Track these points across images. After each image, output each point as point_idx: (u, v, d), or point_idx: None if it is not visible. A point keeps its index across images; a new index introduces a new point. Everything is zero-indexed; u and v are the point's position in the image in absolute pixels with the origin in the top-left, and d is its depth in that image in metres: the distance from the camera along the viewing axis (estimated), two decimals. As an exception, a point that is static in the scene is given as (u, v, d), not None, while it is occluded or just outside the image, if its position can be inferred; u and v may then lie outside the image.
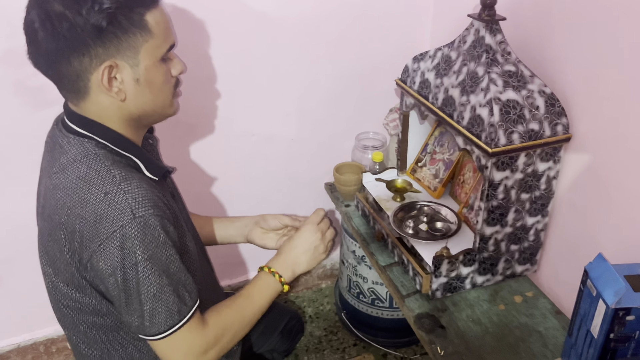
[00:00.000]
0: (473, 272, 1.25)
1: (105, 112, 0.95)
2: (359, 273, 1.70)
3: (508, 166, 1.12)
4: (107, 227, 0.86)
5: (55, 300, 1.03)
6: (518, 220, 1.21)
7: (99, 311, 0.98)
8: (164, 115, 1.03)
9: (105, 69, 0.89)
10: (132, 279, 0.88)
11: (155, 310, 0.91)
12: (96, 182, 0.89)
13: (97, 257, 0.87)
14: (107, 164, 0.91)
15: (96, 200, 0.87)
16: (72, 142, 0.94)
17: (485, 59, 1.13)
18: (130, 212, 0.86)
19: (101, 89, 0.91)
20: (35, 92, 1.39)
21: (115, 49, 0.89)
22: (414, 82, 1.34)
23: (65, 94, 0.96)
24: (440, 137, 1.50)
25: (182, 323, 0.94)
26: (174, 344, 0.95)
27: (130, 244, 0.86)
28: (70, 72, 0.89)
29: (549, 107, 1.12)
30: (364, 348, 1.84)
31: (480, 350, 1.13)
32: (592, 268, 0.97)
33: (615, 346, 0.94)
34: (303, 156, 1.79)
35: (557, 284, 1.29)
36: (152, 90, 0.96)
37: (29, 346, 1.74)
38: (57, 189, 0.92)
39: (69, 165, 0.92)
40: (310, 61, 1.62)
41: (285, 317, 1.52)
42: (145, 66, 0.93)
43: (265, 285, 1.11)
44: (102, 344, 1.03)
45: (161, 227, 0.90)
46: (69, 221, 0.89)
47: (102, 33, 0.86)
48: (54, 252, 0.95)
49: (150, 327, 0.92)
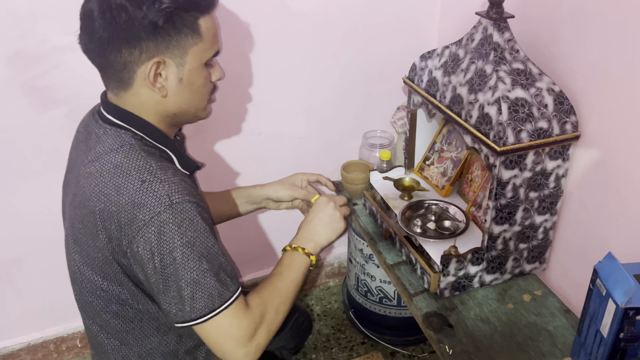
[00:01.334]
0: (481, 270, 1.25)
1: (144, 106, 0.98)
2: (367, 271, 1.70)
3: (517, 165, 1.11)
4: (145, 213, 0.88)
5: (81, 288, 1.04)
6: (527, 218, 1.20)
7: (123, 300, 1.00)
8: (197, 117, 1.06)
9: (153, 64, 0.92)
10: (170, 265, 0.90)
11: (195, 295, 0.91)
12: (133, 170, 0.91)
13: (136, 242, 0.89)
14: (143, 155, 0.94)
15: (133, 188, 0.89)
16: (108, 132, 0.97)
17: (493, 57, 1.12)
18: (167, 198, 0.89)
19: (145, 83, 0.95)
20: (44, 92, 1.40)
21: (165, 47, 0.92)
22: (421, 80, 1.34)
23: (107, 82, 0.99)
24: (448, 135, 1.50)
25: (224, 306, 0.93)
26: (220, 328, 0.94)
27: (168, 229, 0.88)
28: (119, 61, 0.92)
29: (558, 105, 1.11)
30: (372, 346, 1.84)
31: (488, 349, 1.13)
32: (602, 267, 0.96)
33: (625, 346, 0.94)
34: (310, 155, 1.79)
35: (566, 282, 1.28)
36: (191, 91, 0.99)
37: (39, 344, 1.75)
38: (92, 177, 0.93)
39: (105, 154, 0.94)
40: (317, 59, 1.62)
41: (294, 314, 1.52)
42: (190, 67, 0.96)
43: (290, 260, 1.11)
44: (122, 333, 1.05)
45: (198, 214, 0.92)
46: (106, 208, 0.90)
47: (157, 30, 0.90)
48: (84, 239, 0.96)
49: (191, 312, 0.92)
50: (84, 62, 1.37)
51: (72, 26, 1.33)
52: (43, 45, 1.35)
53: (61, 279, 1.68)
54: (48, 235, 1.61)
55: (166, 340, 1.07)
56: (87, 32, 0.93)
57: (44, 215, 1.57)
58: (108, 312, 1.02)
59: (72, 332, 1.78)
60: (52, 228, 1.60)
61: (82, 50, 0.97)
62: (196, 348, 1.12)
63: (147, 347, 1.06)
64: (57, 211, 1.57)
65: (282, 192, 1.37)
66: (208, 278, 0.92)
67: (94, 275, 0.98)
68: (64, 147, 1.49)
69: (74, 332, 1.78)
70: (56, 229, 1.59)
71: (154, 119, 1.00)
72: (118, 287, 0.98)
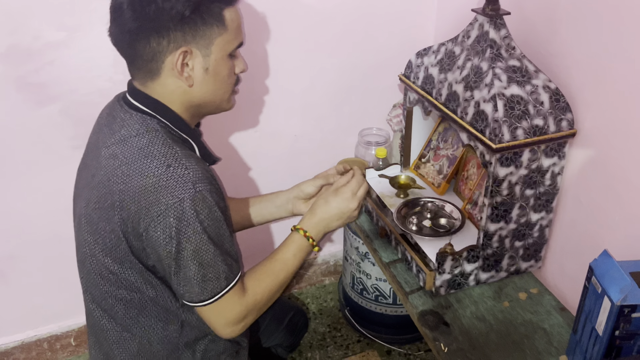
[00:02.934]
0: (477, 268, 1.25)
1: (170, 96, 1.01)
2: (363, 269, 1.70)
3: (512, 162, 1.11)
4: (168, 198, 0.90)
5: (90, 270, 1.05)
6: (522, 216, 1.20)
7: (132, 285, 1.02)
8: (220, 108, 1.09)
9: (181, 54, 0.96)
10: (186, 249, 0.93)
11: (206, 277, 0.96)
12: (158, 155, 0.93)
13: (155, 225, 0.92)
14: (168, 141, 0.96)
15: (158, 172, 0.92)
16: (134, 117, 0.99)
17: (489, 54, 1.12)
18: (191, 185, 0.92)
19: (173, 72, 0.98)
20: (37, 88, 1.39)
21: (192, 37, 0.96)
22: (417, 78, 1.33)
23: (135, 73, 1.01)
24: (444, 132, 1.50)
25: (227, 289, 0.99)
26: (218, 310, 1.00)
27: (189, 215, 0.91)
28: (148, 52, 0.96)
29: (554, 103, 1.11)
30: (367, 344, 1.84)
31: (484, 347, 1.13)
32: (597, 265, 0.96)
33: (620, 343, 0.93)
34: (306, 152, 1.78)
35: (562, 280, 1.28)
36: (216, 82, 1.02)
37: (33, 343, 1.74)
38: (115, 158, 0.95)
39: (130, 138, 0.96)
40: (313, 57, 1.61)
41: (290, 312, 1.52)
42: (215, 58, 1.00)
43: (298, 248, 1.12)
44: (126, 319, 1.06)
45: (216, 203, 0.95)
46: (127, 189, 0.92)
47: (184, 20, 0.93)
48: (99, 221, 0.98)
49: (200, 294, 0.97)
50: (77, 58, 1.39)
51: (66, 22, 1.34)
52: (37, 41, 1.34)
53: (55, 278, 1.68)
54: (42, 233, 1.60)
55: (168, 331, 1.08)
56: (118, 24, 0.96)
57: (38, 213, 1.56)
58: (115, 297, 1.04)
59: (66, 330, 1.77)
60: (46, 226, 1.59)
61: (112, 42, 0.99)
62: (196, 342, 1.13)
63: (149, 335, 1.08)
64: (50, 209, 1.56)
65: (306, 186, 1.31)
66: (218, 262, 0.96)
67: (105, 257, 1.00)
68: (58, 144, 1.49)
69: (68, 331, 1.77)
70: (50, 226, 1.59)
71: (179, 109, 1.02)
72: (128, 270, 1.00)
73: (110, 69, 1.42)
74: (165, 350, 1.10)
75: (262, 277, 1.08)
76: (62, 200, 1.56)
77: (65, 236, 1.61)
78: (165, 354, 1.10)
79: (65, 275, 1.68)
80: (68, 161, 1.51)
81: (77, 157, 1.50)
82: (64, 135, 1.48)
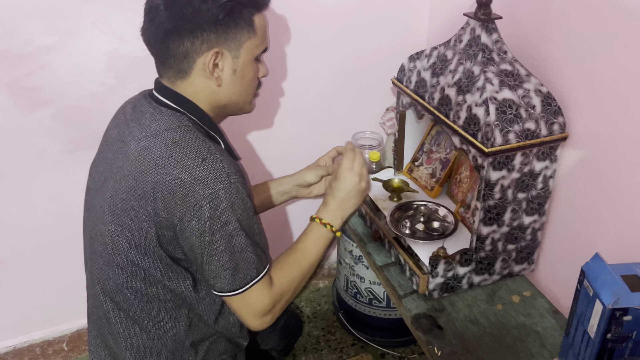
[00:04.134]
0: (470, 272, 1.25)
1: (198, 95, 1.04)
2: (357, 273, 1.70)
3: (504, 166, 1.11)
4: (204, 189, 0.94)
5: (108, 261, 1.05)
6: (515, 219, 1.20)
7: (150, 276, 1.03)
8: (243, 110, 1.14)
9: (213, 54, 1.00)
10: (219, 239, 0.96)
11: (237, 267, 0.99)
12: (193, 148, 0.96)
13: (190, 216, 0.94)
14: (200, 136, 1.00)
15: (194, 164, 0.94)
16: (164, 112, 1.02)
17: (481, 58, 1.12)
18: (226, 177, 0.95)
19: (203, 72, 1.02)
20: (29, 92, 1.39)
21: (224, 39, 1.00)
22: (410, 82, 1.34)
23: (165, 71, 1.04)
24: (436, 136, 1.50)
25: (257, 279, 1.02)
26: (248, 301, 1.03)
27: (224, 206, 0.95)
28: (181, 51, 1.00)
29: (546, 107, 1.11)
30: (361, 348, 1.83)
31: (477, 350, 1.13)
32: (589, 268, 0.97)
33: (612, 346, 0.94)
34: (300, 156, 1.77)
35: (554, 283, 1.28)
36: (242, 83, 1.07)
37: (25, 348, 1.73)
38: (148, 150, 0.97)
39: (164, 132, 0.99)
40: (306, 60, 1.61)
41: (284, 315, 1.52)
42: (243, 60, 1.04)
43: (318, 237, 1.15)
44: (137, 312, 1.07)
45: (247, 195, 0.99)
46: (161, 180, 0.95)
47: (218, 22, 0.98)
48: (127, 211, 0.99)
49: (232, 283, 1.00)
50: (70, 62, 1.38)
51: (58, 26, 1.34)
52: (28, 45, 1.33)
53: (48, 282, 1.67)
54: (34, 238, 1.59)
55: (177, 328, 1.10)
56: (154, 24, 0.99)
57: (30, 218, 1.56)
58: (130, 288, 1.05)
59: (58, 335, 1.76)
60: (39, 230, 1.59)
61: (145, 42, 1.03)
62: (200, 342, 1.14)
63: (158, 331, 1.09)
64: (43, 213, 1.56)
65: (308, 175, 1.37)
66: (250, 253, 1.00)
67: (129, 247, 1.01)
68: (51, 148, 1.48)
69: (61, 336, 1.76)
70: (43, 231, 1.58)
71: (206, 108, 1.06)
72: (150, 261, 1.01)
73: (103, 73, 1.42)
74: (170, 347, 1.11)
75: (286, 268, 1.10)
76: (55, 204, 1.56)
77: (58, 240, 1.61)
78: (170, 350, 1.11)
79: (58, 280, 1.67)
80: (61, 165, 1.51)
81: (70, 161, 1.51)
82: (56, 139, 1.48)
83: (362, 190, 1.19)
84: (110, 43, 1.39)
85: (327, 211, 1.18)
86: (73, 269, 1.63)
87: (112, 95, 1.44)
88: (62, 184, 1.54)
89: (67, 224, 1.59)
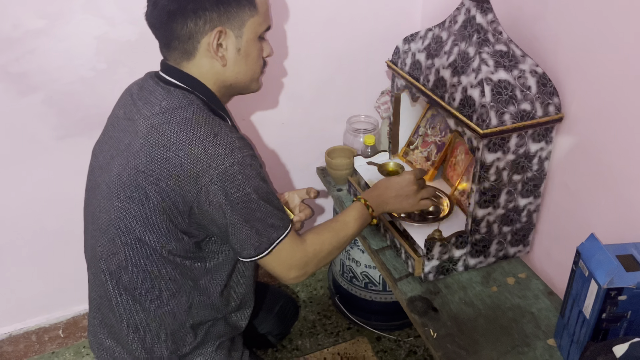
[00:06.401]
0: (465, 254, 1.25)
1: (204, 76, 1.05)
2: (352, 257, 1.70)
3: (500, 147, 1.10)
4: (219, 163, 0.96)
5: (113, 237, 1.05)
6: (510, 201, 1.20)
7: (156, 253, 1.04)
8: (249, 89, 1.14)
9: (216, 34, 1.01)
10: (240, 211, 0.99)
11: (260, 232, 1.02)
12: (204, 124, 0.98)
13: (207, 191, 0.96)
14: (210, 113, 1.01)
15: (207, 140, 0.96)
16: (173, 92, 1.03)
17: (476, 39, 1.11)
18: (239, 151, 0.98)
19: (207, 53, 1.03)
20: (19, 78, 1.37)
21: (226, 18, 1.01)
22: (404, 64, 1.33)
23: (170, 54, 1.05)
24: (432, 119, 1.49)
25: (282, 237, 1.05)
26: (278, 257, 1.06)
27: (240, 179, 0.97)
28: (185, 32, 1.00)
29: (541, 87, 1.10)
30: (357, 331, 1.84)
31: (473, 332, 1.13)
32: (584, 248, 0.97)
33: (607, 326, 0.94)
34: (294, 140, 1.77)
35: (549, 265, 1.29)
36: (247, 62, 1.08)
37: (21, 335, 1.73)
38: (158, 128, 0.98)
39: (174, 110, 1.00)
40: (300, 44, 1.59)
41: (280, 300, 1.52)
42: (247, 39, 1.05)
43: (359, 214, 1.20)
44: (140, 290, 1.08)
45: (259, 165, 1.03)
46: (174, 156, 0.96)
47: (220, 1, 0.99)
48: (134, 186, 1.00)
49: (258, 247, 1.03)
50: (59, 46, 1.36)
51: (46, 10, 1.31)
52: (16, 29, 1.31)
53: (42, 269, 1.66)
54: (27, 225, 1.58)
55: (178, 308, 1.11)
56: (157, 7, 1.00)
57: (23, 204, 1.54)
58: (134, 265, 1.06)
59: (54, 322, 1.76)
60: (31, 217, 1.57)
61: (149, 25, 1.04)
62: (200, 325, 1.15)
63: (158, 310, 1.10)
64: (35, 200, 1.54)
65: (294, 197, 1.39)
66: (270, 219, 1.03)
67: (135, 221, 1.02)
68: (41, 134, 1.47)
69: (57, 323, 1.76)
70: (35, 217, 1.57)
71: (212, 88, 1.07)
72: (155, 235, 1.02)
73: (93, 57, 1.40)
74: (170, 328, 1.11)
75: (320, 231, 1.15)
76: (48, 191, 1.55)
77: (51, 227, 1.60)
78: (170, 331, 1.12)
79: (53, 267, 1.67)
80: (52, 151, 1.50)
81: (62, 147, 1.49)
82: (47, 125, 1.46)
83: (409, 205, 1.24)
84: (100, 27, 1.37)
85: (373, 196, 1.23)
86: (67, 255, 1.63)
87: (103, 80, 1.43)
88: (54, 170, 1.52)
89: (60, 210, 1.58)
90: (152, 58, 1.12)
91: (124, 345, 1.12)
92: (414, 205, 1.24)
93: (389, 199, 1.24)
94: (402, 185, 1.24)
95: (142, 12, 1.04)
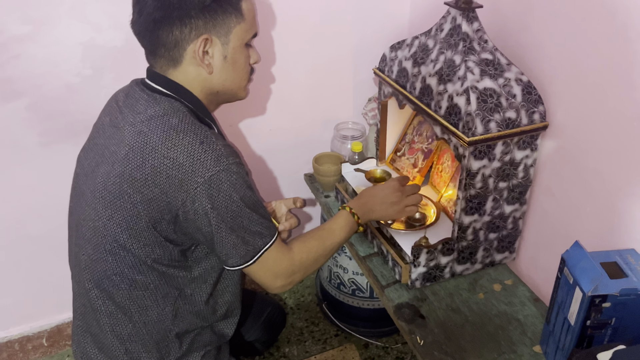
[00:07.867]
0: (452, 261, 1.25)
1: (191, 83, 1.05)
2: (339, 264, 1.70)
3: (485, 155, 1.11)
4: (204, 171, 0.95)
5: (97, 246, 1.04)
6: (496, 208, 1.21)
7: (140, 263, 1.03)
8: (237, 97, 1.14)
9: (202, 41, 1.00)
10: (226, 220, 0.99)
11: (247, 241, 1.02)
12: (190, 132, 0.97)
13: (193, 200, 0.96)
14: (196, 121, 1.00)
15: (192, 148, 0.95)
16: (158, 99, 1.02)
17: (462, 47, 1.12)
18: (225, 159, 0.97)
19: (194, 60, 1.02)
20: (3, 83, 1.35)
21: (212, 25, 1.01)
22: (391, 71, 1.33)
23: (156, 61, 1.05)
24: (418, 126, 1.50)
25: (268, 245, 1.05)
26: (264, 265, 1.06)
27: (226, 187, 0.97)
28: (171, 40, 1.00)
29: (526, 95, 1.11)
30: (345, 338, 1.84)
31: (459, 339, 1.14)
32: (569, 256, 0.97)
33: (592, 333, 0.95)
34: (282, 147, 1.77)
35: (535, 271, 1.29)
36: (234, 69, 1.07)
37: (4, 344, 1.70)
38: (144, 135, 0.97)
39: (160, 117, 0.99)
40: (287, 50, 1.60)
41: (268, 307, 1.52)
42: (233, 46, 1.05)
43: (345, 222, 1.21)
44: (124, 299, 1.07)
45: (245, 173, 1.02)
46: (160, 164, 0.95)
47: (205, 8, 0.98)
48: (119, 194, 0.99)
49: (244, 256, 1.03)
50: (44, 52, 1.35)
51: (32, 15, 1.30)
52: (1, 34, 1.30)
53: (26, 277, 1.64)
54: (10, 233, 1.56)
55: (162, 317, 1.10)
56: (142, 15, 0.99)
57: (6, 212, 1.52)
58: (119, 274, 1.05)
59: (37, 331, 1.74)
60: (15, 224, 1.55)
61: (135, 33, 1.03)
62: (185, 333, 1.14)
63: (143, 319, 1.09)
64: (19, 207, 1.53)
65: (281, 206, 1.40)
66: (256, 227, 1.03)
67: (119, 229, 1.01)
68: (26, 140, 1.45)
69: (40, 331, 1.74)
70: (19, 225, 1.55)
71: (199, 96, 1.07)
72: (140, 244, 1.01)
73: (79, 63, 1.39)
74: (155, 337, 1.10)
75: (307, 240, 1.15)
76: (32, 198, 1.53)
77: (35, 235, 1.58)
78: (155, 340, 1.10)
79: (36, 275, 1.65)
80: (37, 157, 1.48)
81: (47, 154, 1.48)
82: (32, 131, 1.44)
83: (395, 212, 1.24)
84: (86, 33, 1.36)
85: (359, 204, 1.24)
86: (51, 262, 1.61)
87: (89, 86, 1.42)
88: (38, 177, 1.51)
89: (44, 217, 1.56)
90: (139, 64, 1.11)
91: (108, 354, 1.11)
92: (399, 212, 1.24)
93: (374, 206, 1.24)
94: (387, 192, 1.24)
95: (128, 18, 1.04)
